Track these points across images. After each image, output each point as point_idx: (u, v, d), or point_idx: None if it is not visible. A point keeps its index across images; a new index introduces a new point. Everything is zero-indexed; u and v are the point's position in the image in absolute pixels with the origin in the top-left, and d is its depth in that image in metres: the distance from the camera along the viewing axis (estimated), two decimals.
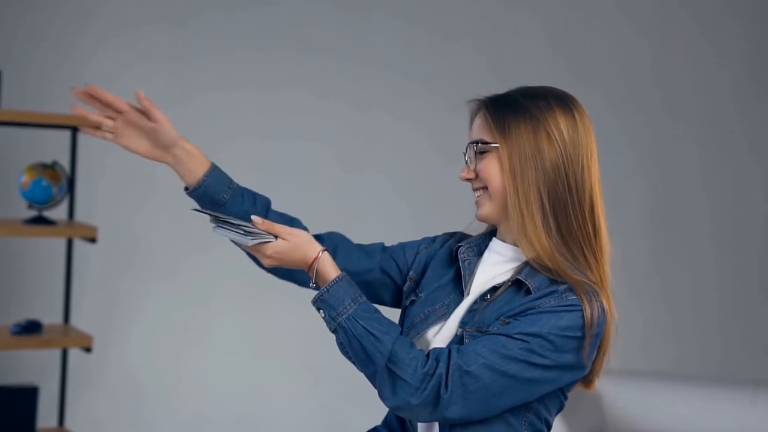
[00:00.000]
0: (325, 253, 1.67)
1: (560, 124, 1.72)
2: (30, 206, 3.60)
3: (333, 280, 1.65)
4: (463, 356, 1.60)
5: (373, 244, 1.94)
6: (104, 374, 4.29)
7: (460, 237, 1.91)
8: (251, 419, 4.30)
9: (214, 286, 4.28)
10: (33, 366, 4.18)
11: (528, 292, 1.68)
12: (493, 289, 1.72)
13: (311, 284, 1.69)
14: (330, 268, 1.66)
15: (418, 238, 1.93)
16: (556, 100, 1.76)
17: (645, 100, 4.62)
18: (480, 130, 1.75)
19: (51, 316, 3.94)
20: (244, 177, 3.51)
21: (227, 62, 4.45)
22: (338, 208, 4.50)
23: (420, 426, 1.76)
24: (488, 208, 1.74)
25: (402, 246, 1.92)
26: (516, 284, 1.71)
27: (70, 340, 3.64)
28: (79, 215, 3.95)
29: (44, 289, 4.29)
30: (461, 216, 4.67)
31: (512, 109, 1.72)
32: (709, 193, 4.65)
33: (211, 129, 4.45)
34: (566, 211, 1.70)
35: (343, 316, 1.62)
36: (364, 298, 1.65)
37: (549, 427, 1.79)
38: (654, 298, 4.59)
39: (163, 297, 4.40)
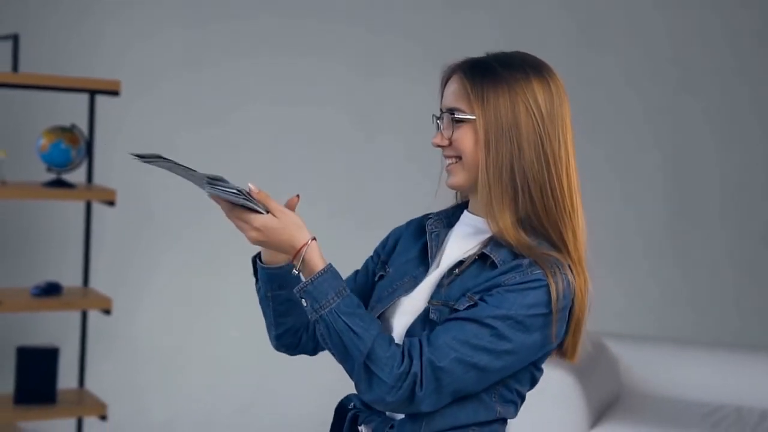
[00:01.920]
0: (314, 242, 1.62)
1: (538, 97, 1.68)
2: (49, 169, 3.61)
3: (319, 272, 1.60)
4: (435, 351, 1.58)
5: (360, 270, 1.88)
6: (122, 336, 4.32)
7: (434, 214, 1.86)
8: (265, 380, 4.33)
9: (229, 248, 4.29)
10: (53, 327, 4.22)
11: (493, 265, 1.65)
12: (460, 263, 1.69)
13: (294, 271, 1.63)
14: (317, 259, 1.61)
15: (430, 200, 1.89)
16: (533, 69, 1.72)
17: (659, 67, 4.59)
18: (455, 97, 1.70)
19: (70, 279, 3.97)
20: (258, 141, 3.55)
21: (241, 28, 4.44)
22: (351, 172, 4.50)
23: None
24: (460, 178, 1.70)
25: (386, 238, 1.86)
26: (482, 258, 1.67)
27: (89, 302, 3.67)
28: (97, 178, 3.96)
29: (63, 251, 4.32)
30: None
31: (490, 79, 1.67)
32: (723, 162, 4.62)
33: (224, 94, 4.45)
34: (543, 187, 1.67)
35: (326, 310, 1.59)
36: (348, 291, 1.61)
37: (522, 397, 1.79)
38: (670, 264, 4.59)
39: (179, 259, 4.42)
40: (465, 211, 1.77)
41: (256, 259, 1.78)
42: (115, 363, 4.35)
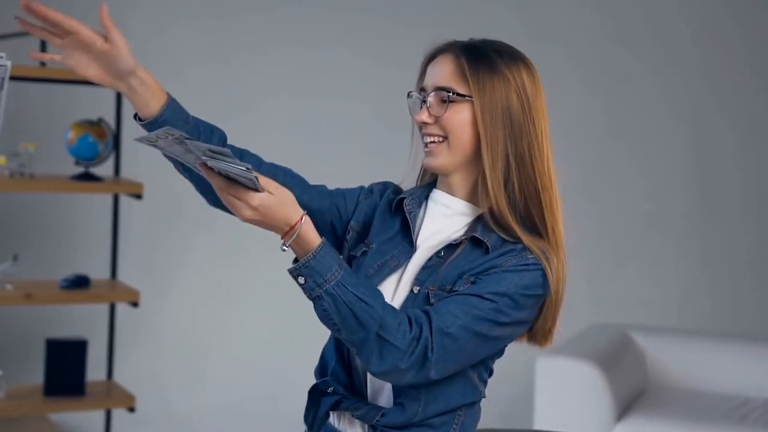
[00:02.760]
0: (307, 216, 1.57)
1: (526, 85, 1.72)
2: (77, 163, 3.63)
3: (319, 246, 1.56)
4: (441, 318, 1.60)
5: (318, 185, 1.84)
6: (150, 328, 4.35)
7: (394, 188, 1.86)
8: (290, 371, 4.34)
9: (255, 240, 4.30)
10: (81, 320, 4.25)
11: (486, 249, 1.68)
12: (449, 247, 1.69)
13: (283, 247, 1.56)
14: (313, 234, 1.57)
15: None
16: (521, 59, 1.76)
17: (684, 62, 4.56)
18: (449, 76, 1.71)
19: (98, 272, 4.00)
20: (280, 133, 3.55)
21: (261, 21, 4.45)
22: (373, 164, 4.50)
23: (370, 378, 1.72)
24: (444, 159, 1.71)
25: (342, 193, 1.83)
26: (472, 241, 1.69)
27: (117, 294, 3.69)
28: (124, 172, 3.99)
29: (91, 244, 4.35)
30: None
31: (486, 63, 1.70)
32: (746, 157, 4.59)
33: (246, 86, 4.46)
34: (530, 173, 1.70)
35: (331, 283, 1.55)
36: (345, 262, 1.60)
37: (491, 373, 1.82)
38: (695, 257, 4.57)
39: (206, 252, 4.44)
40: (436, 190, 1.78)
41: (135, 117, 1.73)
42: (142, 355, 4.38)
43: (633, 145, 4.55)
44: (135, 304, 3.68)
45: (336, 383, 1.74)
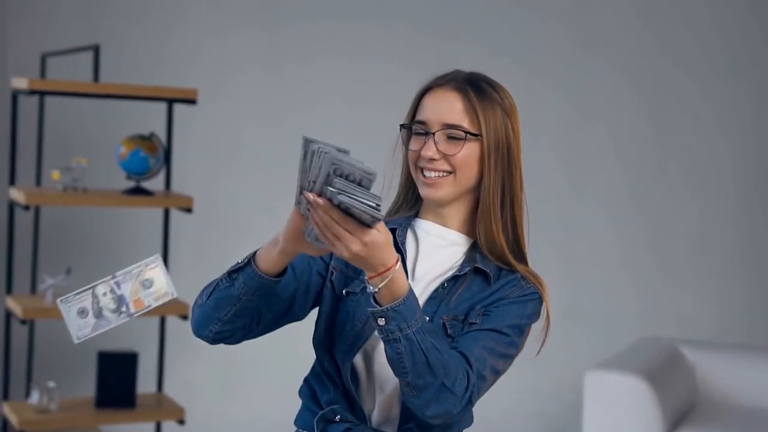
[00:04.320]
0: (400, 261, 1.58)
1: (515, 119, 1.78)
2: (128, 177, 3.68)
3: (408, 292, 1.57)
4: (477, 362, 1.65)
5: None
6: (200, 341, 4.38)
7: None
8: None
9: None
10: (132, 332, 4.30)
11: (487, 278, 1.73)
12: (454, 278, 1.72)
13: (372, 289, 1.56)
14: (403, 279, 1.57)
15: None
16: (506, 91, 1.80)
17: (729, 72, 4.52)
18: (458, 114, 1.73)
19: None
20: (330, 140, 3.51)
21: (313, 31, 4.48)
22: None
23: (379, 408, 1.75)
24: (448, 192, 1.73)
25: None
26: (475, 271, 1.73)
27: (167, 307, 3.73)
28: (174, 185, 4.03)
29: (142, 257, 4.40)
30: (548, 186, 4.62)
31: (489, 101, 1.75)
32: None
33: (296, 97, 4.50)
34: (519, 205, 1.78)
35: (413, 329, 1.57)
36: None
37: None
38: (747, 271, 4.52)
39: None
40: (424, 221, 1.79)
41: (251, 260, 1.68)
42: (192, 368, 4.42)
43: (681, 159, 4.52)
44: (185, 317, 3.71)
45: (344, 412, 1.75)
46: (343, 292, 1.75)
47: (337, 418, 1.74)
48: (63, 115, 4.35)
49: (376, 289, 1.56)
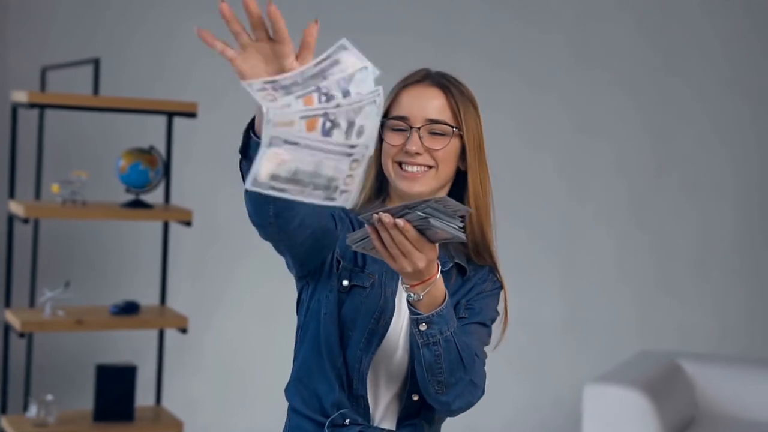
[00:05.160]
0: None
1: (481, 117, 1.83)
2: (128, 190, 3.68)
3: (447, 297, 1.63)
4: (480, 354, 1.72)
5: None
6: (199, 354, 4.38)
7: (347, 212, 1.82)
8: None
9: None
10: (131, 346, 4.29)
11: (465, 272, 1.79)
12: (443, 274, 1.72)
13: (413, 297, 1.60)
14: (442, 285, 1.62)
15: (515, 229, 1.93)
16: (473, 93, 1.86)
17: (731, 88, 4.53)
18: (441, 110, 1.78)
19: (148, 298, 4.04)
20: None
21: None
22: None
23: (384, 405, 1.77)
24: (429, 186, 1.76)
25: (331, 215, 1.73)
26: (455, 267, 1.79)
27: (166, 320, 3.73)
28: (173, 198, 4.03)
29: (141, 270, 4.40)
30: (548, 198, 4.62)
31: (466, 97, 1.81)
32: None
33: None
34: (490, 199, 1.82)
35: (452, 330, 1.63)
36: None
37: None
38: (746, 285, 4.52)
39: (255, 278, 4.47)
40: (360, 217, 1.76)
41: (250, 130, 1.58)
42: (190, 381, 4.41)
43: (681, 171, 4.53)
44: (184, 331, 3.71)
45: (352, 414, 1.75)
46: (345, 284, 1.75)
47: (347, 421, 1.74)
48: (63, 129, 4.35)
49: (420, 297, 1.60)
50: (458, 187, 1.81)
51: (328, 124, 1.29)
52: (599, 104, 4.51)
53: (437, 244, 1.57)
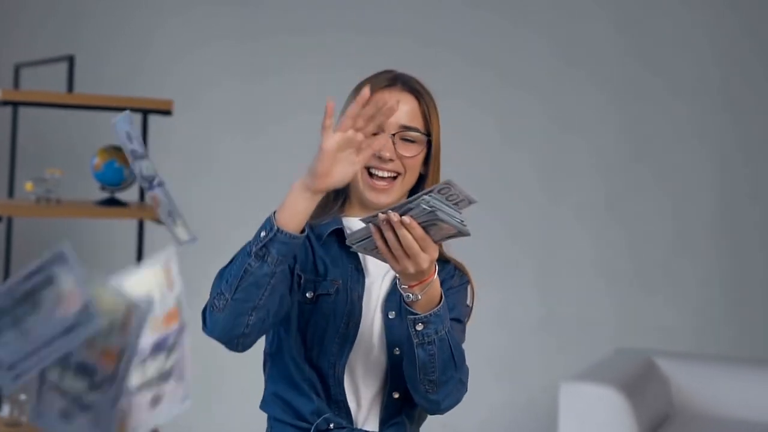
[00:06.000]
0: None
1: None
2: (102, 188, 3.66)
3: (443, 296, 1.63)
4: (462, 352, 1.73)
5: None
6: None
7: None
8: None
9: None
10: None
11: None
12: None
13: (410, 296, 1.58)
14: (438, 285, 1.61)
15: (492, 227, 1.94)
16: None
17: (709, 87, 4.55)
18: (413, 116, 1.77)
19: None
20: (305, 153, 3.55)
21: (289, 43, 4.48)
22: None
23: (365, 408, 1.77)
24: (395, 197, 1.76)
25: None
26: None
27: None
28: (148, 197, 4.02)
29: (116, 269, 4.38)
30: (524, 195, 4.63)
31: (434, 104, 1.81)
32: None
33: (274, 107, 4.49)
34: None
35: (446, 330, 1.63)
36: None
37: None
38: (721, 282, 4.54)
39: None
40: (356, 219, 1.75)
41: (275, 225, 1.59)
42: None
43: (659, 170, 4.54)
44: None
45: (335, 418, 1.75)
46: (309, 296, 1.74)
47: (331, 425, 1.75)
48: (37, 126, 4.32)
49: (419, 297, 1.59)
50: (412, 190, 1.81)
51: None
52: (576, 103, 4.52)
53: (440, 244, 1.56)
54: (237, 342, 1.67)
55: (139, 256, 3.86)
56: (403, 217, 1.49)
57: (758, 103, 4.54)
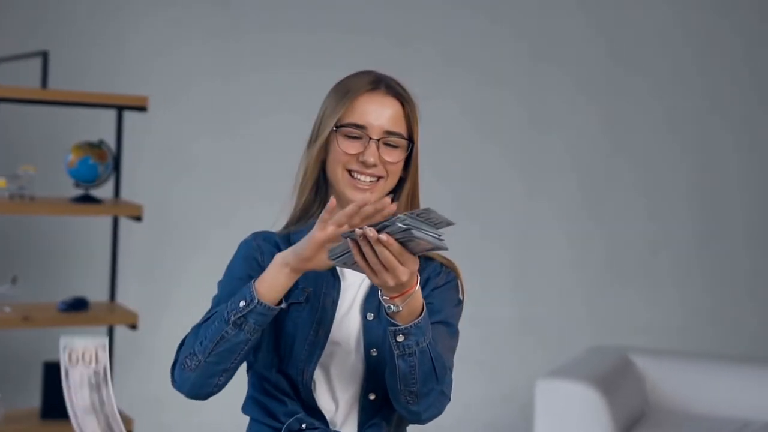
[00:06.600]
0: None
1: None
2: (77, 185, 3.64)
3: (424, 307, 1.61)
4: (447, 361, 1.71)
5: None
6: (149, 350, 4.34)
7: (265, 236, 1.87)
8: None
9: None
10: None
11: None
12: None
13: (393, 308, 1.58)
14: (420, 296, 1.61)
15: (468, 224, 1.93)
16: None
17: (687, 85, 4.56)
18: (396, 121, 1.78)
19: (97, 294, 3.99)
20: (282, 152, 3.59)
21: (267, 41, 4.46)
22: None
23: (342, 412, 1.78)
24: (377, 195, 1.76)
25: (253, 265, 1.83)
26: None
27: (116, 317, 3.69)
28: (123, 193, 3.99)
29: (90, 267, 4.35)
30: (501, 193, 4.63)
31: (416, 108, 1.81)
32: (750, 180, 4.59)
33: (249, 106, 4.47)
34: (418, 200, 1.85)
35: (427, 342, 1.62)
36: None
37: None
38: (697, 280, 4.56)
39: (206, 274, 4.43)
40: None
41: (255, 298, 1.65)
42: (141, 378, 4.37)
43: (635, 166, 4.56)
44: (134, 327, 3.67)
45: (308, 418, 1.76)
46: (283, 305, 1.72)
47: (303, 426, 1.75)
48: (10, 122, 4.29)
49: (400, 308, 1.58)
50: (392, 192, 1.81)
51: None
52: (552, 99, 4.53)
53: (418, 256, 1.55)
54: (203, 397, 1.78)
55: (114, 254, 3.83)
56: (380, 235, 1.49)
57: (737, 100, 4.56)
